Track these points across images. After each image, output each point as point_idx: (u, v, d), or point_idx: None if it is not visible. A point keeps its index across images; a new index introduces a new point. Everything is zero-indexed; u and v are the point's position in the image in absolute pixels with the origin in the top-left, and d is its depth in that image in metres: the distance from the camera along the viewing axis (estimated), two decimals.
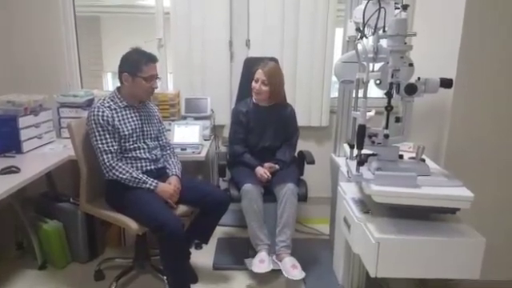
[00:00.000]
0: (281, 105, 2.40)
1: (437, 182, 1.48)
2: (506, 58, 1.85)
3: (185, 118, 2.71)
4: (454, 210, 1.48)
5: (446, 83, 1.56)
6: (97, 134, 1.92)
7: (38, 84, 2.74)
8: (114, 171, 1.92)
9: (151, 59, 1.99)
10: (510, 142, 1.93)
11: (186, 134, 2.53)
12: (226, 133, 2.75)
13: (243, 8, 2.71)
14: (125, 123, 1.99)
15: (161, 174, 2.10)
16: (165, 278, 2.02)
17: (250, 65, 2.48)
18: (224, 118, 2.82)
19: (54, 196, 2.46)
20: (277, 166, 2.31)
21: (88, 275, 2.23)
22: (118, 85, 2.07)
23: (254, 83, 2.30)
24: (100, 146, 1.92)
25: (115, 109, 1.98)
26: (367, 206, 1.58)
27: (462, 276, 1.43)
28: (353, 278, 2.05)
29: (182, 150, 2.37)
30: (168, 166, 2.15)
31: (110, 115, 1.94)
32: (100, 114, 1.92)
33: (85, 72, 3.02)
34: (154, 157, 2.09)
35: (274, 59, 2.49)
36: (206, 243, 2.25)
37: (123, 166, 1.94)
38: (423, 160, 1.60)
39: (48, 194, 2.51)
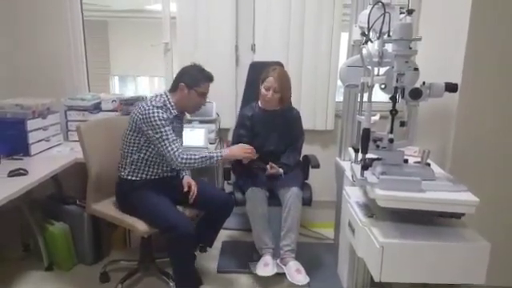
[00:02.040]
0: (286, 108, 2.41)
1: (442, 187, 1.47)
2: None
3: (190, 121, 2.73)
4: (458, 215, 1.47)
5: (451, 88, 1.56)
6: (157, 128, 1.90)
7: (46, 87, 2.77)
8: (181, 159, 1.91)
9: (209, 78, 2.08)
10: None
11: (192, 138, 2.54)
12: (230, 136, 2.76)
13: (249, 12, 2.73)
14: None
15: (175, 178, 2.13)
16: (170, 280, 2.03)
17: (256, 69, 2.49)
18: (229, 122, 2.84)
19: (60, 198, 2.48)
20: (281, 170, 2.31)
21: (93, 277, 2.24)
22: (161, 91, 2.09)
23: (264, 91, 2.28)
24: (163, 136, 1.90)
25: (167, 116, 1.96)
26: (372, 210, 1.58)
27: (467, 281, 1.42)
28: (357, 282, 2.05)
29: None
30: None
31: (166, 117, 1.94)
32: (159, 113, 1.91)
33: (92, 76, 3.05)
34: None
35: (279, 64, 2.50)
36: (211, 246, 2.26)
37: (187, 153, 1.94)
38: (428, 164, 1.60)
39: (55, 196, 2.53)
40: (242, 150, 2.03)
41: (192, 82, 2.02)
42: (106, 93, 3.00)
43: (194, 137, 2.55)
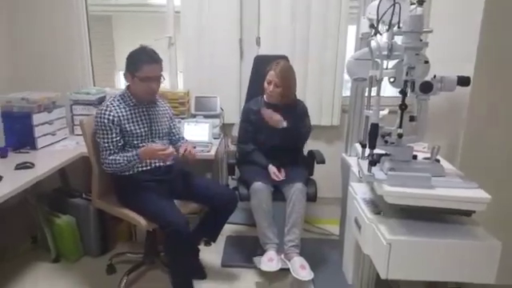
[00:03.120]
0: (292, 103, 2.37)
1: (452, 183, 1.44)
2: None
3: (194, 116, 2.71)
4: (469, 213, 1.44)
5: (464, 81, 1.51)
6: (100, 132, 1.93)
7: (52, 82, 2.77)
8: (105, 165, 1.93)
9: (149, 59, 1.92)
10: None
11: (196, 133, 2.53)
12: (235, 131, 2.74)
13: (253, 5, 2.70)
14: (133, 122, 1.99)
15: (169, 170, 2.10)
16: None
17: (260, 63, 2.46)
18: (233, 117, 2.82)
19: (66, 191, 2.50)
20: (284, 124, 2.24)
21: (100, 269, 2.26)
22: None
23: (266, 85, 2.28)
24: (101, 143, 1.93)
25: (124, 108, 1.98)
26: (379, 206, 1.55)
27: (476, 280, 1.39)
28: (362, 278, 2.02)
29: None
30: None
31: (116, 115, 1.94)
32: (106, 113, 1.92)
33: (97, 70, 3.05)
34: None
35: (284, 57, 2.47)
36: (214, 241, 2.25)
37: (111, 157, 1.92)
38: (438, 160, 1.56)
39: (61, 189, 2.55)
40: (156, 154, 1.89)
41: (132, 69, 1.93)
42: (111, 87, 2.99)
43: (198, 132, 2.54)
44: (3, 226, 2.29)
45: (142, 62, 1.91)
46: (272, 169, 2.26)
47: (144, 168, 2.03)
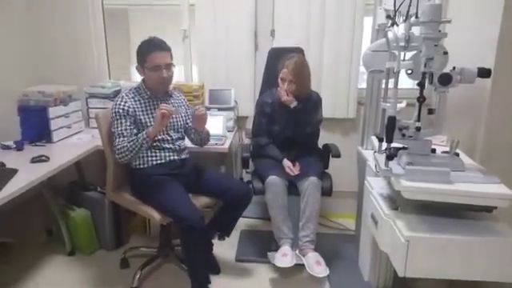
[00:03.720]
0: (306, 94, 2.33)
1: (472, 178, 1.40)
2: None
3: (208, 109, 2.70)
4: (490, 209, 1.39)
5: (484, 73, 1.46)
6: (115, 121, 1.94)
7: (68, 75, 2.80)
8: (117, 152, 1.90)
9: (156, 48, 1.93)
10: None
11: (210, 126, 2.50)
12: (249, 124, 2.72)
13: None
14: (147, 114, 1.99)
15: (184, 164, 2.10)
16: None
17: (275, 55, 2.43)
18: (248, 110, 2.80)
19: (81, 185, 2.53)
20: (294, 102, 2.23)
21: (114, 263, 2.28)
22: None
23: (280, 82, 2.25)
24: (115, 131, 1.93)
25: (139, 100, 2.00)
26: (396, 202, 1.51)
27: (497, 278, 1.35)
28: (379, 275, 1.99)
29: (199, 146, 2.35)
30: None
31: (131, 106, 1.95)
32: (122, 103, 1.94)
33: (112, 63, 3.06)
34: (178, 147, 2.09)
35: (299, 49, 2.43)
36: (228, 236, 2.24)
37: (124, 143, 1.89)
38: (457, 154, 1.51)
39: (76, 182, 2.58)
40: (159, 116, 1.82)
41: (142, 60, 1.95)
42: (127, 80, 3.01)
43: (212, 125, 2.51)
44: (19, 219, 2.34)
45: (150, 52, 1.93)
46: (286, 163, 2.24)
47: (159, 161, 2.03)
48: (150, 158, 2.02)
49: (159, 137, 2.02)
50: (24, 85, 2.47)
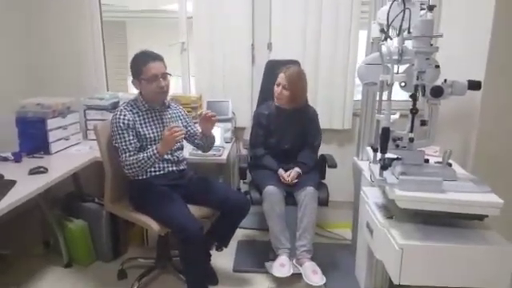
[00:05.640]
0: (302, 108, 2.38)
1: (464, 188, 1.43)
2: None
3: None
4: (481, 217, 1.42)
5: (475, 85, 1.51)
6: (117, 136, 1.95)
7: (67, 87, 2.82)
8: (127, 167, 1.91)
9: (150, 58, 1.95)
10: None
11: None
12: (246, 135, 2.75)
13: (265, 11, 2.72)
14: (146, 126, 2.02)
15: (182, 175, 2.12)
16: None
17: (272, 67, 2.48)
18: (245, 121, 2.83)
19: (79, 196, 2.53)
20: (297, 169, 2.29)
21: (111, 274, 2.27)
22: None
23: (275, 87, 2.30)
24: (119, 146, 1.94)
25: (137, 112, 2.02)
26: (391, 211, 1.54)
27: (489, 286, 1.37)
28: (375, 283, 2.01)
29: (203, 152, 2.38)
30: None
31: (131, 118, 1.97)
32: (122, 117, 1.95)
33: (111, 75, 3.10)
34: (176, 158, 2.12)
35: (296, 62, 2.48)
36: (226, 246, 2.24)
37: (132, 158, 1.90)
38: (450, 164, 1.55)
39: (74, 193, 2.57)
40: (170, 137, 1.82)
41: (136, 73, 1.98)
42: (125, 92, 3.04)
43: None
44: (16, 230, 2.32)
45: (145, 63, 1.95)
46: (281, 172, 2.27)
47: (158, 172, 2.05)
48: (148, 169, 2.04)
49: None
50: (22, 96, 2.48)
